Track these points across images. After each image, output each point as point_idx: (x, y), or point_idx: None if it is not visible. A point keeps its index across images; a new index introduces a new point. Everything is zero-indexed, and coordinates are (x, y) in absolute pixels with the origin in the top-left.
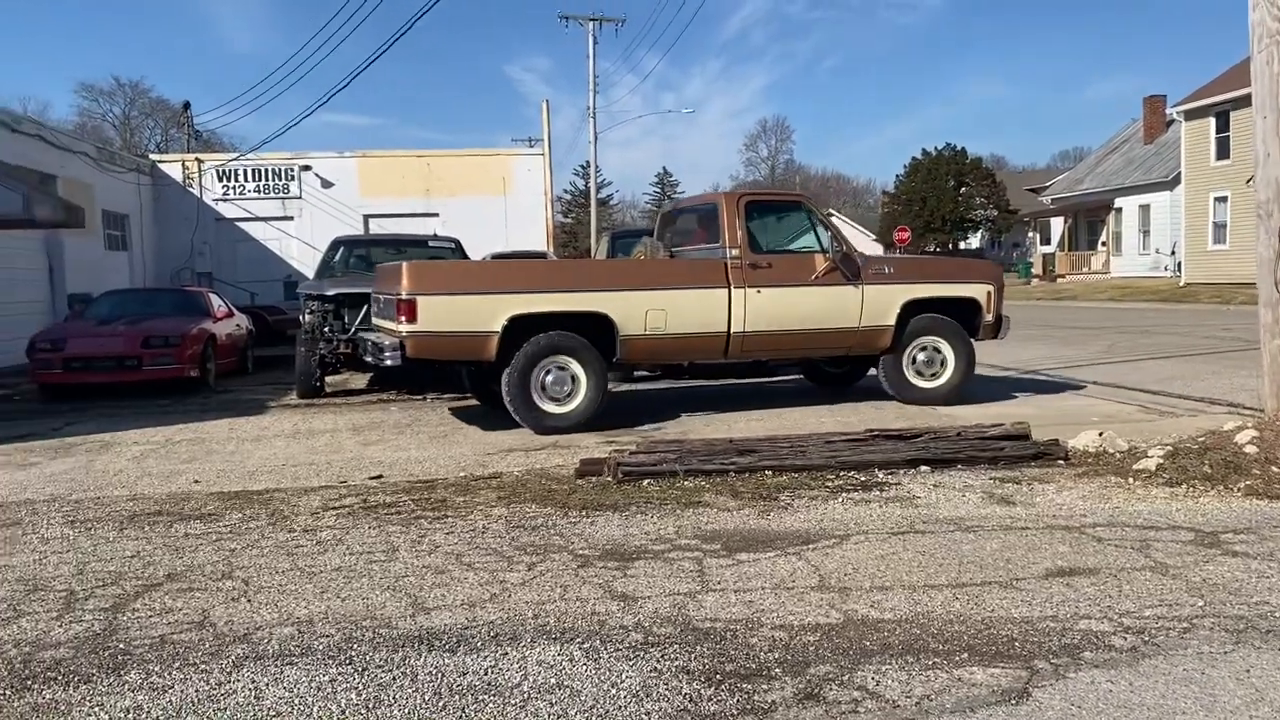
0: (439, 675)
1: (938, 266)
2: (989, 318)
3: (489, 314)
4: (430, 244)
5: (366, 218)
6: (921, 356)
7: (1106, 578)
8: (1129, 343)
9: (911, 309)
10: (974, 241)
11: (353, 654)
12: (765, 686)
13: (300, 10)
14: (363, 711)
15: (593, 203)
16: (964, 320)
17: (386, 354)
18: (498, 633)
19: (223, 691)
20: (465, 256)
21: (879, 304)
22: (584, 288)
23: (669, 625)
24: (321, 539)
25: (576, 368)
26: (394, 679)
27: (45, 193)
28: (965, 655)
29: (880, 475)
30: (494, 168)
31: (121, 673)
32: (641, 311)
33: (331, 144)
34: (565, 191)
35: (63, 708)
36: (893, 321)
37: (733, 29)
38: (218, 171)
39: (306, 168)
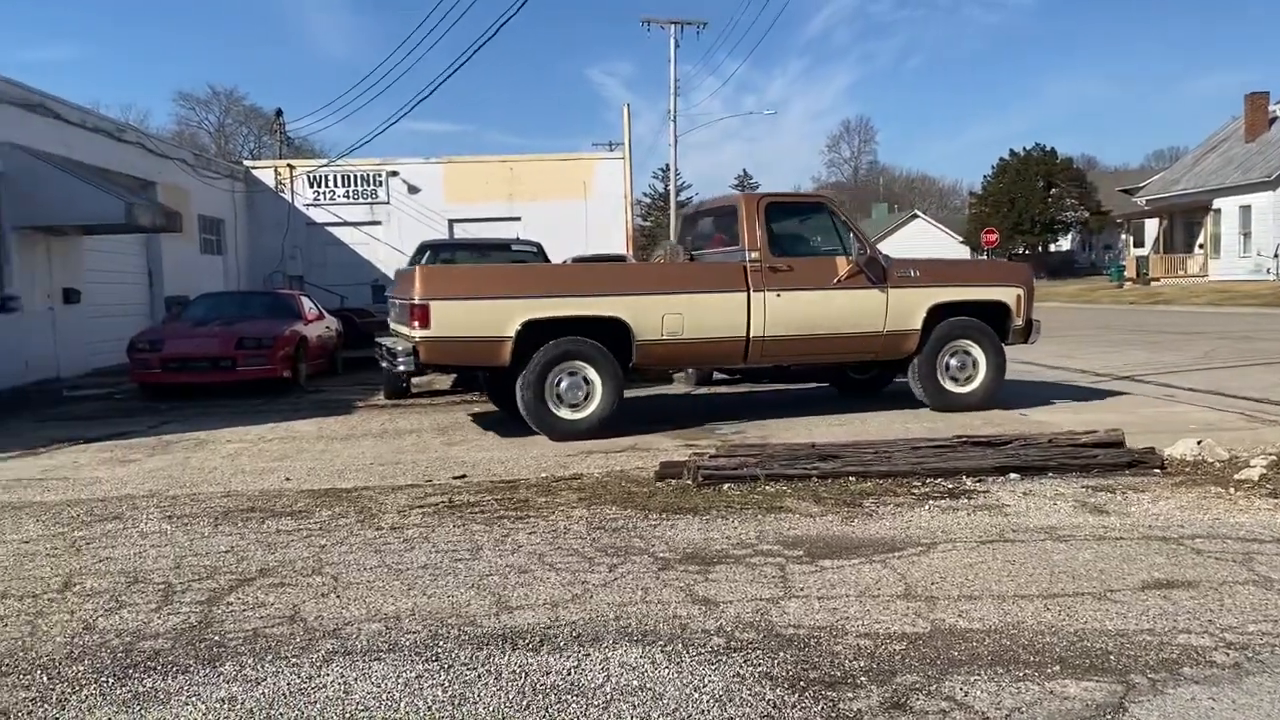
0: (522, 674)
1: (965, 269)
2: (1019, 321)
3: (502, 319)
4: (513, 248)
5: (451, 222)
6: (954, 361)
7: (1207, 591)
8: (1229, 348)
9: (938, 313)
10: (1064, 244)
11: (438, 651)
12: (850, 695)
13: (388, 20)
14: (448, 708)
15: (672, 206)
16: (993, 325)
17: (400, 360)
18: (580, 633)
19: (313, 685)
20: (547, 260)
21: (904, 308)
22: (598, 292)
23: (751, 630)
24: (408, 537)
25: (592, 373)
26: (478, 676)
27: (145, 199)
28: (1057, 668)
29: (968, 482)
30: (575, 172)
31: (216, 664)
32: (658, 316)
33: (418, 150)
34: (644, 195)
35: (161, 697)
36: (918, 326)
37: (815, 29)
38: (308, 177)
39: (394, 173)
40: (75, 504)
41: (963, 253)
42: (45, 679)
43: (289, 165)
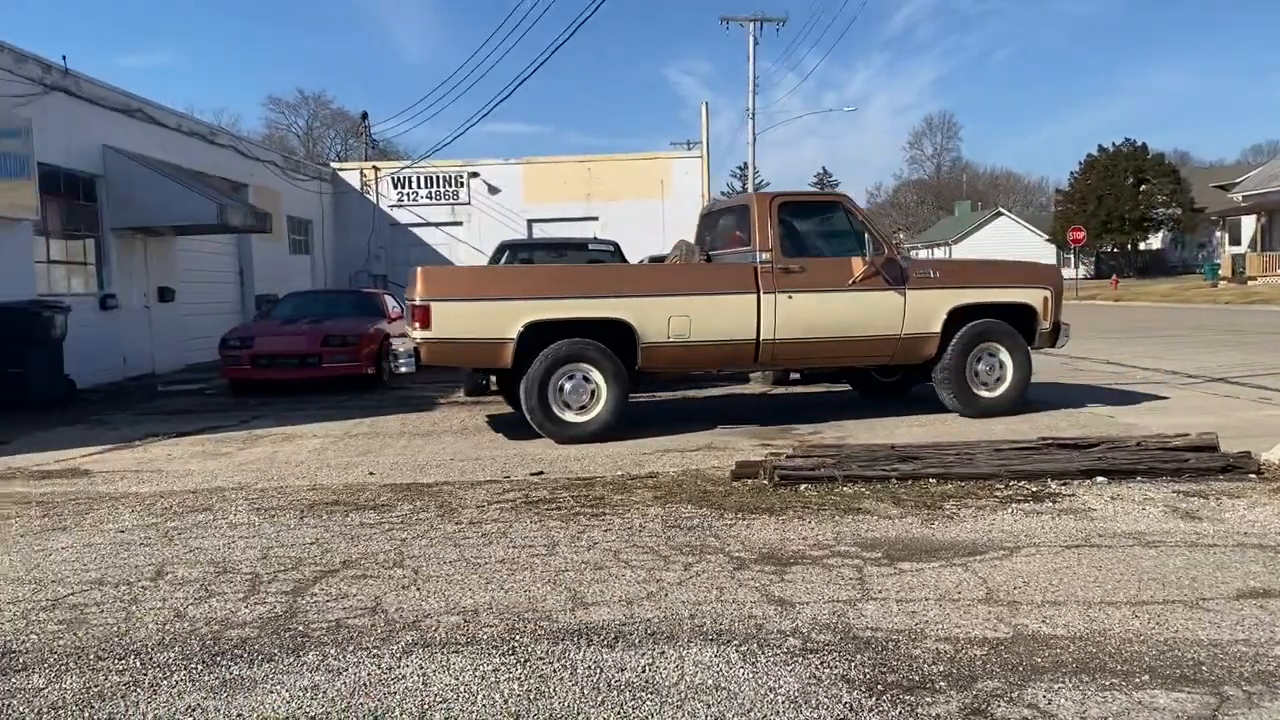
0: (598, 670)
1: (988, 271)
2: (1046, 324)
3: (504, 321)
4: (590, 247)
5: (530, 222)
6: (981, 366)
7: None
8: None
9: (959, 316)
10: (1154, 242)
11: (515, 645)
12: (929, 700)
13: (470, 24)
14: (525, 702)
15: None
16: (1018, 328)
17: (401, 360)
18: (655, 631)
19: (393, 676)
20: (624, 259)
21: (923, 310)
22: (602, 294)
23: (828, 632)
24: (486, 531)
25: (596, 375)
26: (554, 671)
27: (238, 200)
28: (1146, 677)
29: (1053, 485)
30: (652, 171)
31: (300, 653)
32: (664, 318)
33: (497, 152)
34: (722, 193)
35: (248, 684)
36: (938, 329)
37: (898, 24)
38: (393, 179)
39: (474, 174)
40: (168, 495)
41: (1049, 252)
42: (138, 664)
43: (374, 167)
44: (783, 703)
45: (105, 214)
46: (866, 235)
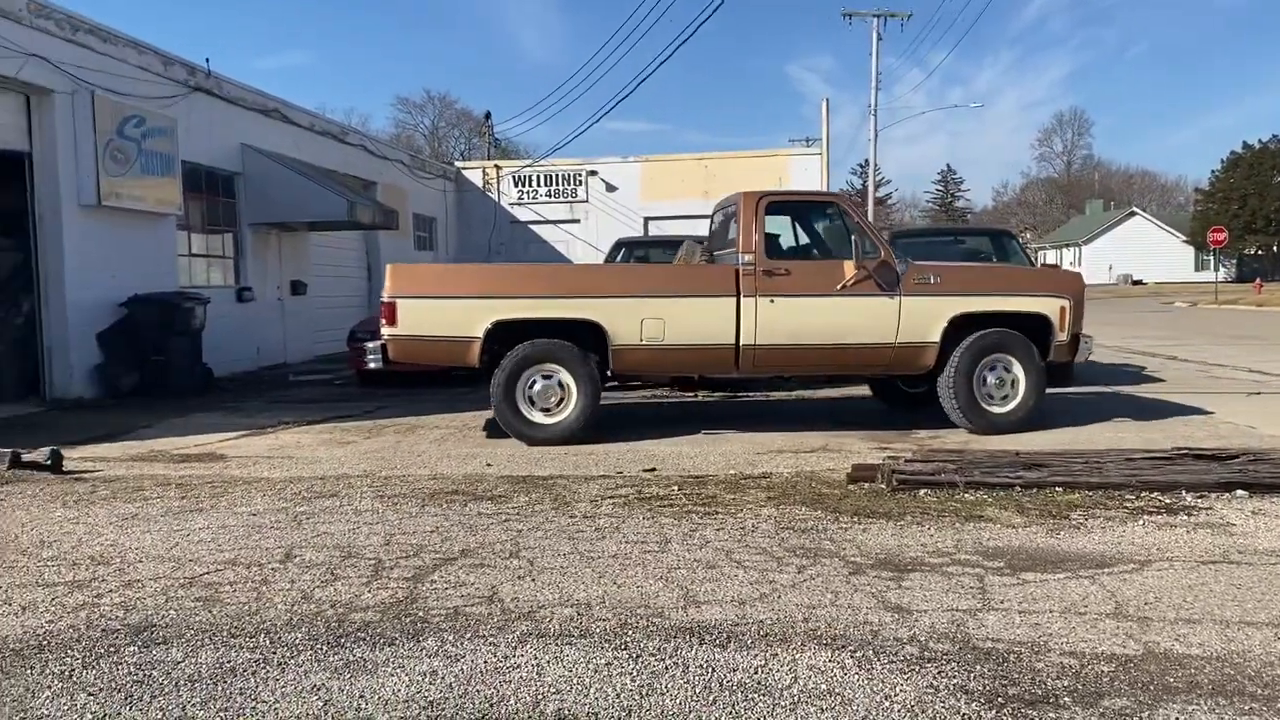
0: (709, 669)
1: (999, 277)
2: (1062, 336)
3: (471, 319)
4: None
5: (646, 220)
6: (991, 378)
7: None
8: None
9: (963, 325)
10: None
11: (627, 640)
12: (1053, 715)
13: (591, 24)
14: (636, 697)
15: (870, 202)
16: (1033, 339)
17: (369, 357)
18: (767, 633)
19: (509, 665)
20: None
21: (920, 318)
22: (572, 294)
23: (946, 641)
24: (600, 526)
25: (566, 376)
26: (666, 668)
27: (367, 198)
28: None
29: (1188, 498)
30: (770, 168)
31: (420, 639)
32: (636, 320)
33: (616, 150)
34: (841, 191)
35: (370, 666)
36: (937, 338)
37: (1029, 17)
38: (513, 177)
39: (593, 173)
40: (297, 481)
41: (1186, 254)
42: (268, 642)
43: (496, 166)
44: (899, 712)
45: (243, 210)
46: (862, 237)
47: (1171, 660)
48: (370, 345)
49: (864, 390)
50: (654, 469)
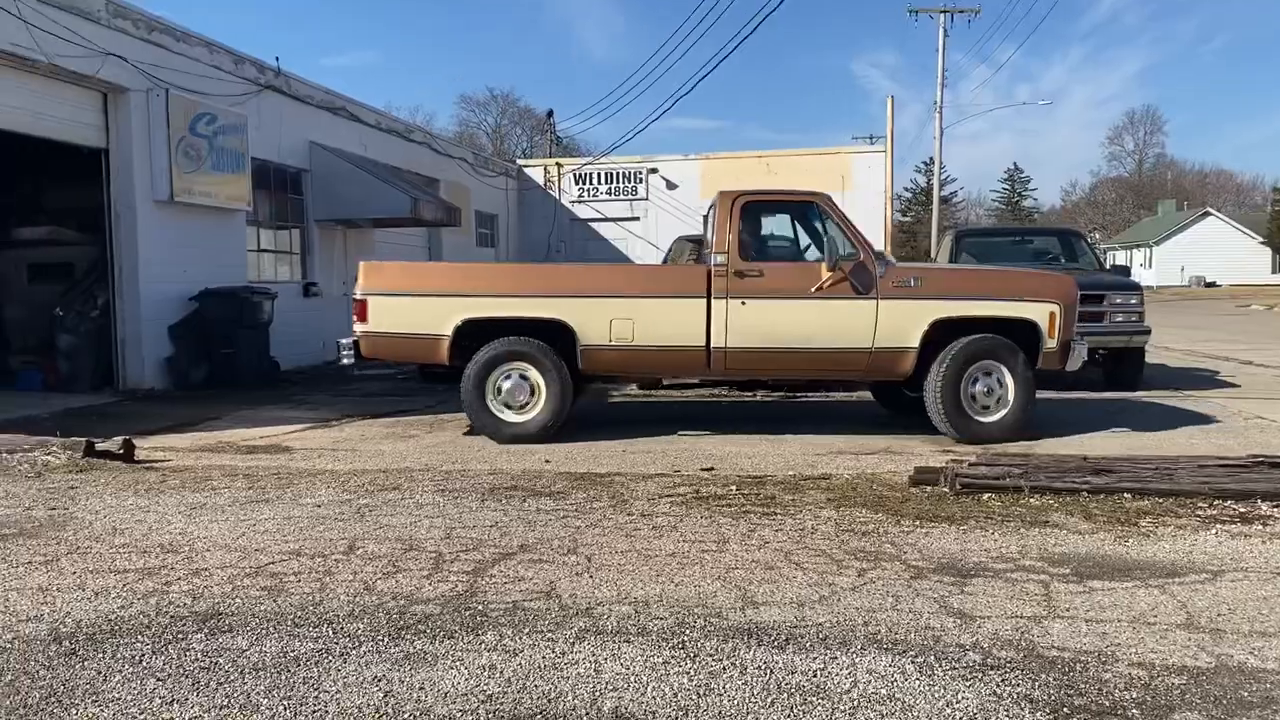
0: (767, 671)
1: (983, 280)
2: (1052, 343)
3: (440, 317)
4: None
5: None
6: (979, 386)
7: None
8: None
9: (945, 330)
10: None
11: (684, 639)
12: None
13: (653, 21)
14: (693, 697)
15: (934, 200)
16: (1021, 346)
17: (343, 353)
18: (826, 635)
19: (566, 661)
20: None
21: (898, 322)
22: (541, 293)
23: (1010, 649)
24: (657, 524)
25: (536, 375)
26: (723, 668)
27: (430, 195)
28: None
29: (1264, 507)
30: (833, 166)
31: (479, 632)
32: (605, 321)
33: (676, 147)
34: (905, 189)
35: (429, 659)
36: (916, 344)
37: (1101, 12)
38: (574, 175)
39: (653, 170)
40: (360, 474)
41: (1263, 255)
42: (330, 632)
43: (557, 164)
44: (960, 719)
45: (310, 206)
46: (841, 239)
47: (1246, 674)
48: (344, 342)
49: None
50: (712, 468)
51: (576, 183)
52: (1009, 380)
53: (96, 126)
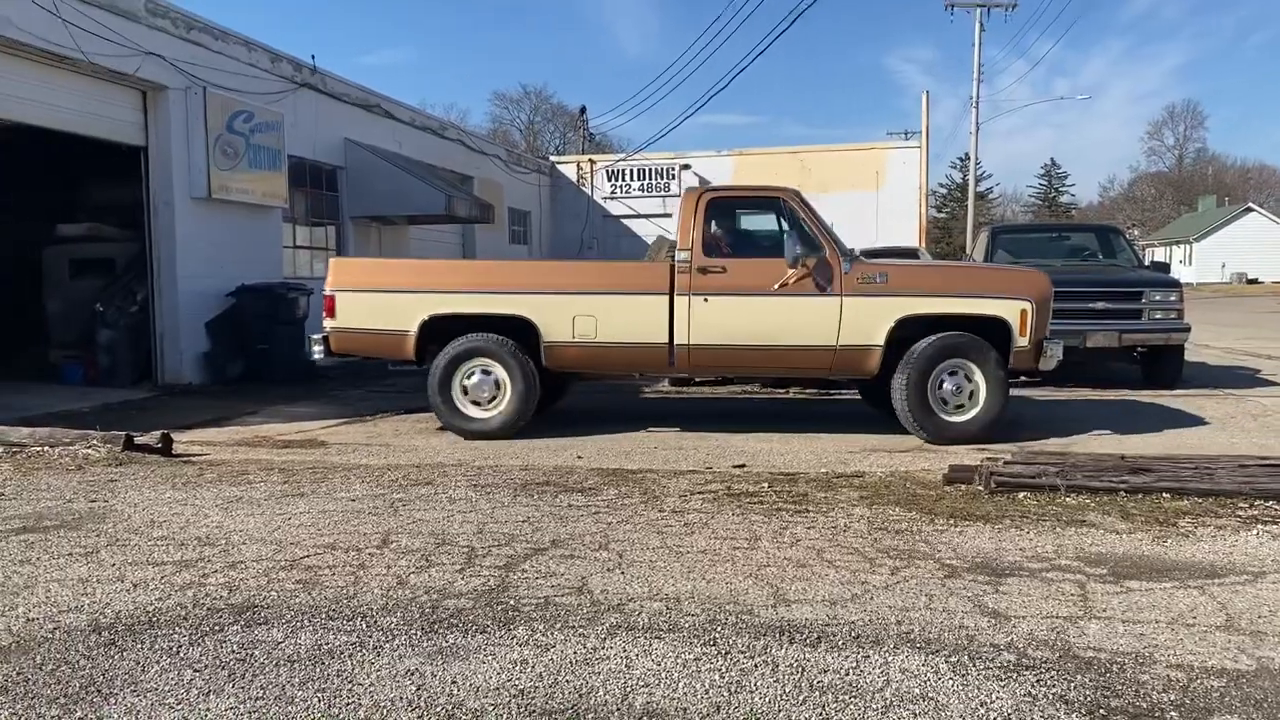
0: (799, 669)
1: (952, 277)
2: (1023, 342)
3: (406, 313)
4: None
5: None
6: (949, 384)
7: None
8: None
9: (912, 328)
10: None
11: (716, 636)
12: None
13: (687, 16)
14: (725, 694)
15: (970, 197)
16: (992, 344)
17: (314, 349)
18: (859, 634)
19: (597, 656)
20: None
21: (863, 320)
22: (504, 289)
23: (1045, 649)
24: (689, 521)
25: (500, 372)
26: (755, 666)
27: (464, 192)
28: None
29: None
30: (867, 162)
31: (511, 627)
32: (568, 317)
33: (710, 144)
34: (940, 185)
35: (462, 653)
36: (881, 341)
37: (1140, 6)
38: (607, 171)
39: (686, 166)
40: (394, 468)
41: None
42: (364, 626)
43: (590, 160)
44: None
45: (345, 203)
46: (806, 235)
47: None
48: (314, 337)
49: None
50: (744, 465)
51: (609, 179)
52: (979, 379)
53: (136, 124)
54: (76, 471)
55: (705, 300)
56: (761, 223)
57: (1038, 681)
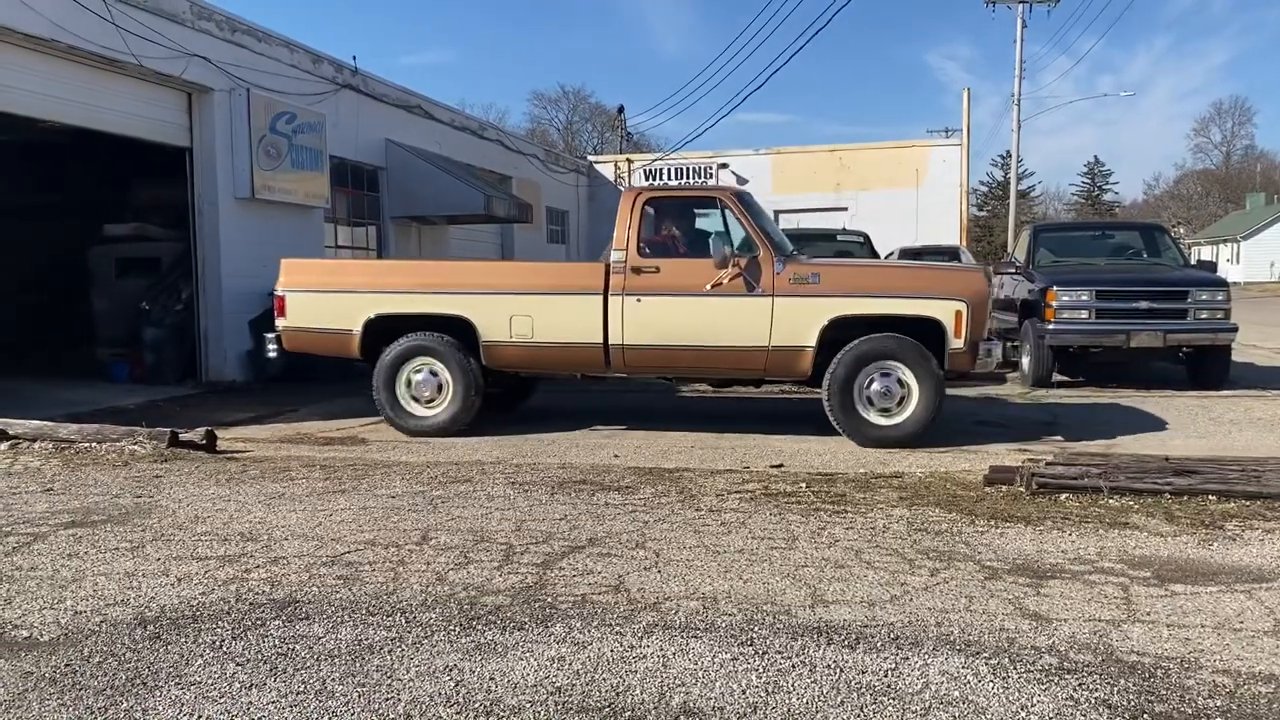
0: (837, 670)
1: (886, 277)
2: (958, 343)
3: (351, 313)
4: (839, 238)
5: (776, 213)
6: (876, 386)
7: None
8: None
9: (845, 328)
10: None
11: (753, 636)
12: None
13: (725, 15)
14: (762, 694)
15: (1012, 195)
16: (929, 344)
17: (268, 348)
18: (898, 636)
19: (634, 655)
20: (873, 250)
21: (795, 320)
22: (444, 290)
23: (1087, 653)
24: (725, 520)
25: (443, 371)
26: (793, 666)
27: (503, 192)
28: None
29: None
30: (907, 159)
31: (548, 624)
32: (505, 317)
33: (747, 142)
34: (981, 183)
35: (499, 649)
36: (813, 342)
37: (1186, 1)
38: (645, 171)
39: (724, 165)
40: (433, 466)
41: None
42: (403, 621)
43: (628, 160)
44: None
45: (385, 203)
46: (743, 235)
47: None
48: (269, 336)
49: (1003, 390)
50: (781, 465)
51: (646, 178)
52: (911, 382)
53: (181, 126)
54: (123, 467)
55: (639, 300)
56: (699, 224)
57: (1080, 685)
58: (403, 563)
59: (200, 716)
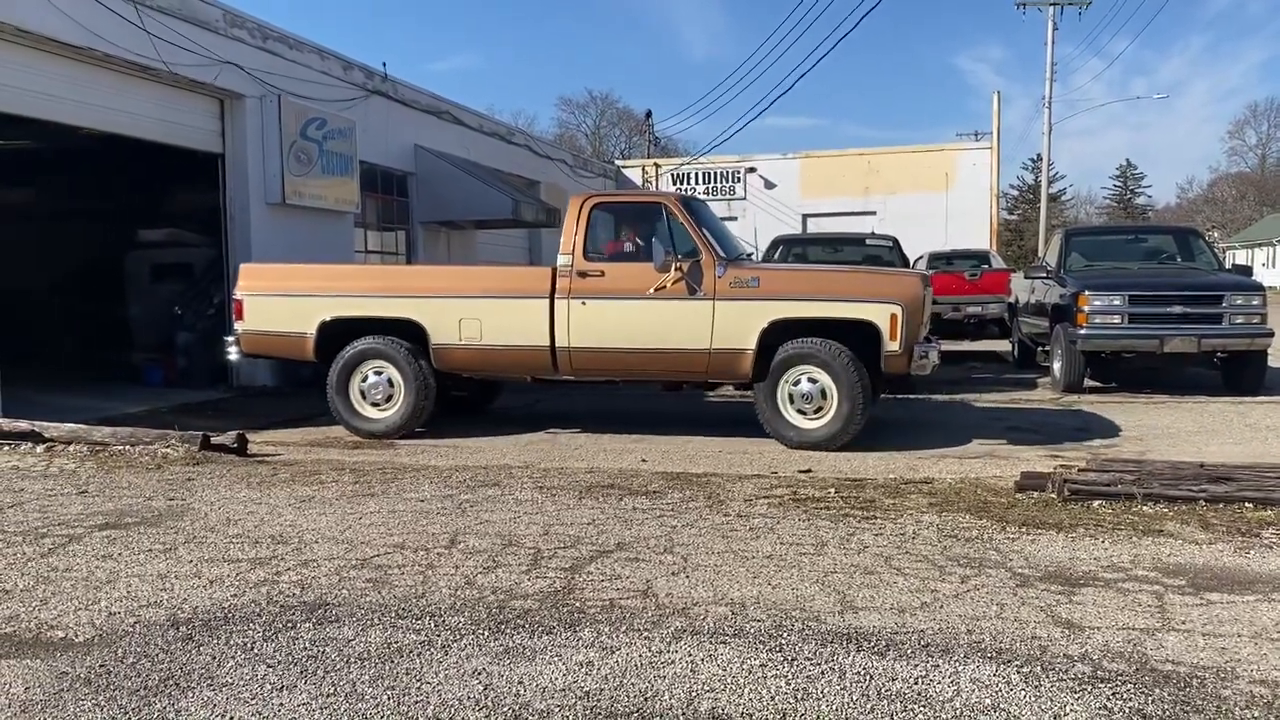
0: (867, 677)
1: (820, 280)
2: (894, 346)
3: (304, 316)
4: (867, 242)
5: (805, 217)
6: (799, 389)
7: None
8: None
9: (782, 332)
10: None
11: (782, 642)
12: None
13: (753, 19)
14: (790, 701)
15: (1043, 198)
16: (867, 348)
17: (228, 349)
18: (928, 643)
19: (662, 660)
20: (903, 254)
21: (735, 324)
22: (394, 294)
23: (1121, 661)
24: (754, 525)
25: (394, 374)
26: (822, 673)
27: (530, 197)
28: None
29: None
30: (936, 163)
31: (577, 629)
32: (454, 320)
33: (774, 146)
34: (1011, 186)
35: (528, 653)
36: (752, 345)
37: (1222, 2)
38: (672, 175)
39: (752, 169)
40: (462, 470)
41: None
42: (432, 625)
43: (655, 164)
44: None
45: (415, 208)
46: (686, 239)
47: None
48: (228, 339)
49: (1033, 395)
50: (809, 470)
51: (674, 183)
52: (829, 384)
53: (213, 132)
54: (156, 470)
55: (584, 304)
56: (643, 229)
57: (1113, 694)
58: (431, 566)
59: (232, 718)
